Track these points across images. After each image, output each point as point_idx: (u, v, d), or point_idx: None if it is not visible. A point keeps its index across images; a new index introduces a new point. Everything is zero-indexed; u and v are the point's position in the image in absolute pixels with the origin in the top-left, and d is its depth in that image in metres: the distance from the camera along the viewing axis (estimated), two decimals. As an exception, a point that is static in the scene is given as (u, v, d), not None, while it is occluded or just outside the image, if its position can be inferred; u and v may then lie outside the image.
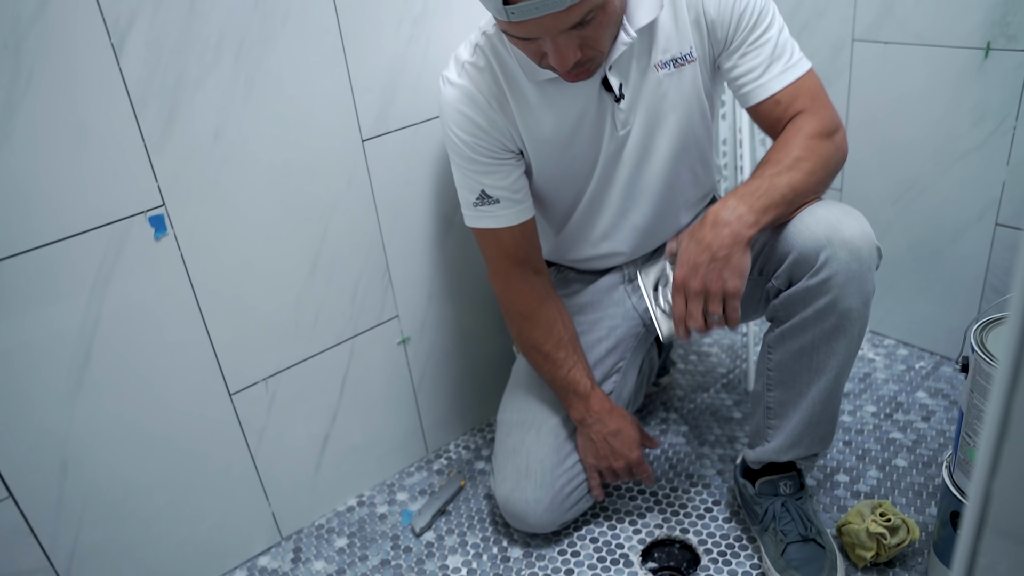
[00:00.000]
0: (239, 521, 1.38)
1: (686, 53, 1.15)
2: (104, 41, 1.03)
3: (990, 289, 1.54)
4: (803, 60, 1.15)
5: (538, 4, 0.95)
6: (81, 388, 1.13)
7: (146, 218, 1.13)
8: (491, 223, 1.25)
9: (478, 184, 1.22)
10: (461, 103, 1.18)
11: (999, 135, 1.43)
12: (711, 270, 1.04)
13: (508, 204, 1.23)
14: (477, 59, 1.17)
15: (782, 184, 1.08)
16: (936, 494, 1.37)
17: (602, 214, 1.31)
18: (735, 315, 1.06)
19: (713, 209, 1.07)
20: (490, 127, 1.19)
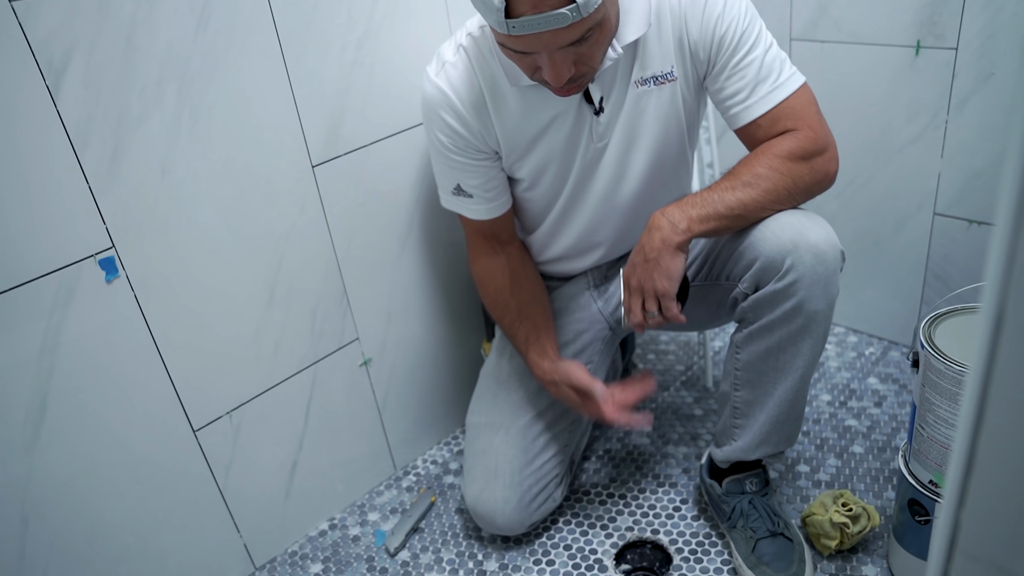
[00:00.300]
0: (210, 555, 1.36)
1: (667, 72, 1.17)
2: (38, 83, 0.99)
3: (931, 275, 1.60)
4: (792, 78, 1.15)
5: (540, 20, 0.95)
6: (39, 439, 1.10)
7: (96, 261, 1.10)
8: (464, 212, 1.31)
9: (454, 178, 1.27)
10: (437, 105, 1.21)
11: (933, 128, 1.48)
12: (644, 271, 1.13)
13: (481, 200, 1.28)
14: (458, 60, 1.19)
15: (731, 199, 1.11)
16: (892, 478, 1.42)
17: (573, 224, 1.32)
18: (669, 312, 1.14)
19: (655, 215, 1.13)
20: (464, 130, 1.21)
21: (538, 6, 0.95)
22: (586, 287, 1.43)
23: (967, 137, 1.44)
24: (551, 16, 0.95)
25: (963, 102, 1.42)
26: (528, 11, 0.95)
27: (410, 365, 1.57)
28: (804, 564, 1.23)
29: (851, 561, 1.28)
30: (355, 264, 1.40)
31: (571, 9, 0.95)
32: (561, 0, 0.95)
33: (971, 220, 1.50)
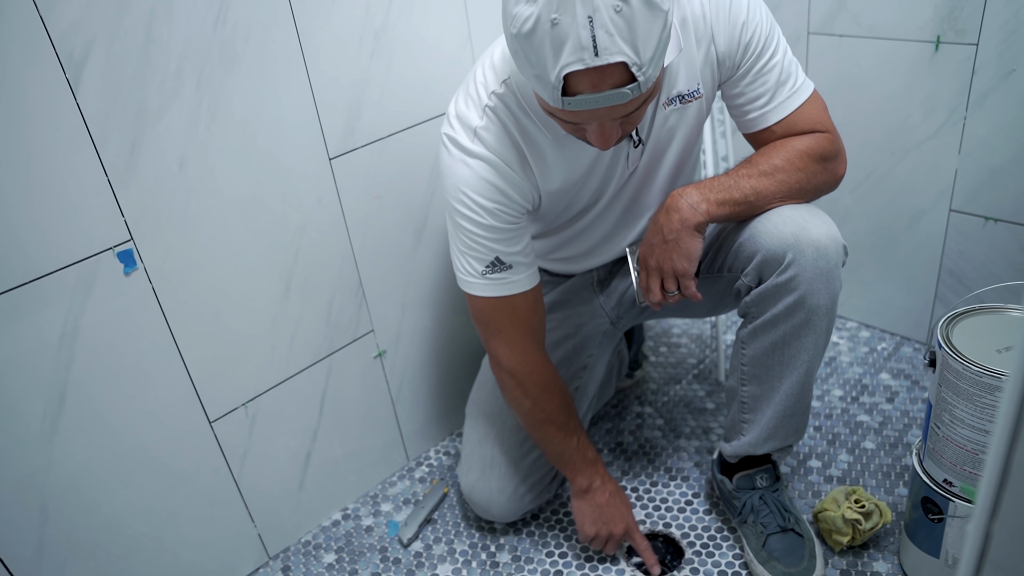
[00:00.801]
0: (224, 544, 1.37)
1: (693, 90, 1.15)
2: (59, 76, 0.99)
3: (946, 272, 1.60)
4: (806, 83, 1.16)
5: (599, 98, 0.92)
6: (57, 430, 1.11)
7: (114, 254, 1.10)
8: (505, 291, 1.18)
9: (491, 252, 1.15)
10: (484, 170, 1.11)
11: (950, 125, 1.47)
12: (663, 251, 1.13)
13: (521, 268, 1.17)
14: (489, 123, 1.11)
15: (747, 186, 1.11)
16: (904, 474, 1.42)
17: (595, 233, 1.32)
18: (688, 291, 1.14)
19: (672, 195, 1.13)
20: (515, 192, 1.13)
21: (598, 85, 0.91)
22: (589, 282, 1.43)
23: (985, 134, 1.43)
24: (611, 95, 0.92)
25: (982, 99, 1.41)
26: (587, 90, 0.91)
27: (424, 357, 1.57)
28: (815, 560, 1.24)
29: (862, 557, 1.28)
30: (371, 257, 1.41)
31: (632, 88, 0.92)
32: (622, 79, 0.91)
33: (987, 217, 1.49)
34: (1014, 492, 0.48)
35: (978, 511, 0.51)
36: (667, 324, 1.92)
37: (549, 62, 0.90)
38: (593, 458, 1.31)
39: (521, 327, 1.22)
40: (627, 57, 0.89)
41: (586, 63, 0.89)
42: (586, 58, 0.89)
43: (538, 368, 1.25)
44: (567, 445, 1.28)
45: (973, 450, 1.06)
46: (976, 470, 1.07)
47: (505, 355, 1.23)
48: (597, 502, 1.30)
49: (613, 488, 1.32)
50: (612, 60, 0.89)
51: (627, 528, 1.31)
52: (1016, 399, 0.46)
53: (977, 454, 1.05)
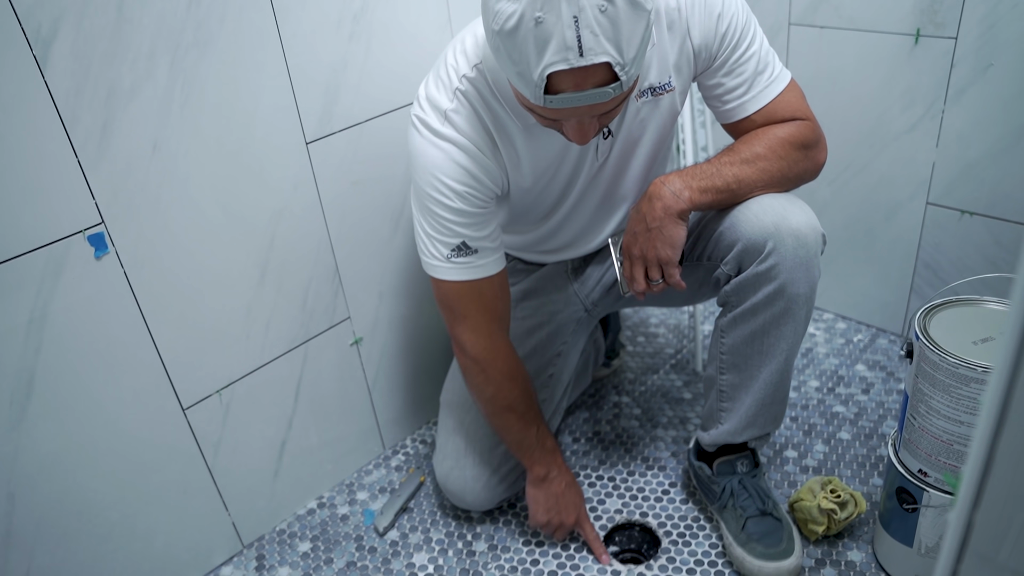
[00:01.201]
0: (197, 533, 1.35)
1: (665, 83, 1.15)
2: (26, 53, 0.96)
3: (922, 264, 1.61)
4: (783, 72, 1.16)
5: (581, 97, 0.92)
6: (25, 417, 1.09)
7: (85, 237, 1.08)
8: (469, 275, 1.17)
9: (458, 236, 1.14)
10: (454, 153, 1.10)
11: (929, 118, 1.48)
12: (646, 240, 1.12)
13: (487, 253, 1.17)
14: (459, 106, 1.10)
15: (729, 174, 1.12)
16: (878, 465, 1.44)
17: (570, 228, 1.32)
18: (672, 279, 1.14)
19: (655, 183, 1.12)
20: (486, 176, 1.13)
21: (581, 84, 0.91)
22: (563, 269, 1.43)
23: (963, 127, 1.44)
24: (593, 93, 0.91)
25: (960, 92, 1.42)
26: (570, 88, 0.91)
27: (401, 345, 1.56)
28: (793, 542, 1.25)
29: (837, 546, 1.29)
30: (347, 243, 1.39)
31: (614, 87, 0.92)
32: (604, 77, 0.91)
33: (963, 211, 1.50)
34: (997, 481, 0.48)
35: (960, 500, 0.51)
36: (645, 314, 1.92)
37: (532, 60, 0.90)
38: (552, 448, 1.32)
39: (486, 313, 1.21)
40: (611, 57, 0.89)
41: (571, 63, 0.88)
42: (571, 58, 0.88)
43: (502, 355, 1.24)
44: (527, 434, 1.29)
45: (948, 441, 1.07)
46: (951, 460, 1.08)
47: (470, 341, 1.22)
48: (552, 491, 1.31)
49: (569, 479, 1.33)
50: (597, 60, 0.89)
51: (578, 518, 1.33)
52: (1001, 388, 0.46)
53: (952, 444, 1.06)
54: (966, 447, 1.05)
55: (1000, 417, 0.47)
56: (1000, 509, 0.49)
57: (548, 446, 1.32)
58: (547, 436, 1.32)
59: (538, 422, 1.30)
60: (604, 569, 1.31)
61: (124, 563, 1.26)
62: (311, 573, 1.37)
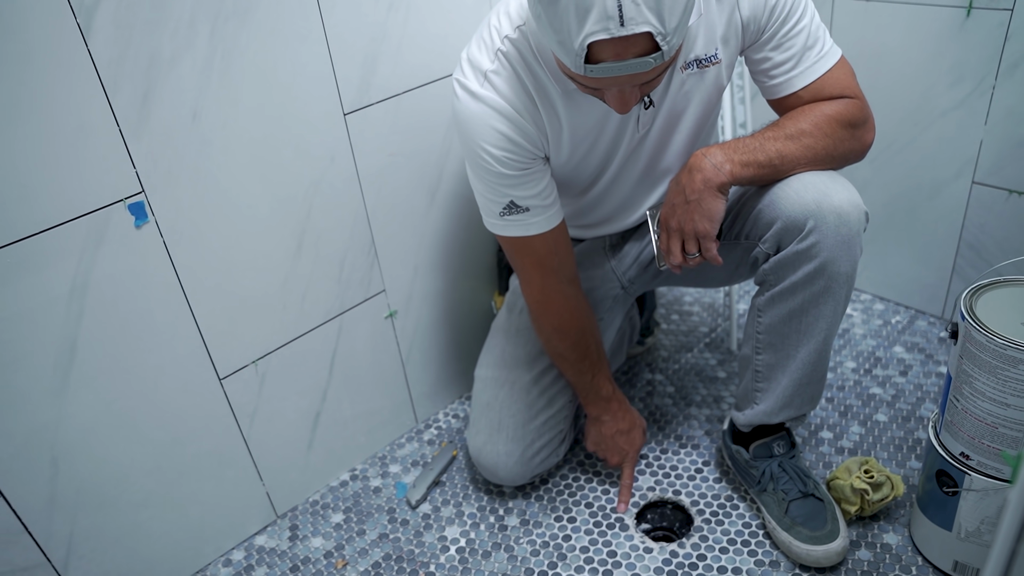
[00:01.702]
0: (232, 502, 1.37)
1: (711, 55, 1.12)
2: (70, 21, 0.96)
3: (965, 245, 1.57)
4: (833, 48, 1.14)
5: (622, 66, 0.90)
6: (68, 383, 1.10)
7: (125, 206, 1.08)
8: (521, 231, 1.19)
9: (506, 196, 1.15)
10: (492, 117, 1.10)
11: (978, 95, 1.44)
12: (684, 212, 1.11)
13: (538, 211, 1.17)
14: (500, 67, 1.09)
15: (772, 149, 1.10)
16: (916, 448, 1.41)
17: (611, 201, 1.30)
18: (709, 254, 1.13)
19: (696, 155, 1.11)
20: (523, 139, 1.12)
21: (621, 54, 0.90)
22: (601, 246, 1.41)
23: (1014, 104, 1.40)
24: (634, 63, 0.90)
25: (1013, 67, 1.38)
26: (610, 58, 0.90)
27: (435, 319, 1.56)
28: (838, 522, 1.23)
29: (873, 528, 1.28)
30: (384, 215, 1.39)
31: (655, 57, 0.90)
32: (646, 47, 0.90)
33: (1012, 190, 1.46)
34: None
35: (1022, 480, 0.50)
36: (679, 292, 1.91)
37: (573, 29, 0.88)
38: (608, 395, 1.37)
39: (539, 268, 1.24)
40: (652, 27, 0.87)
41: (611, 33, 0.87)
42: (611, 28, 0.87)
43: (553, 308, 1.28)
44: (579, 379, 1.35)
45: (993, 423, 1.04)
46: (995, 443, 1.05)
47: (525, 291, 1.30)
48: (602, 432, 1.39)
49: (622, 426, 1.39)
50: (638, 30, 0.87)
51: (621, 462, 1.41)
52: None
53: (998, 428, 1.04)
54: (1012, 430, 1.03)
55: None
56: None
57: (603, 394, 1.36)
58: (603, 385, 1.36)
59: (593, 371, 1.34)
60: (636, 545, 1.31)
61: (160, 530, 1.28)
62: (344, 544, 1.38)
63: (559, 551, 1.32)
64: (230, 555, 1.38)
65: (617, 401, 1.38)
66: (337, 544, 1.38)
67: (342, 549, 1.37)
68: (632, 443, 1.40)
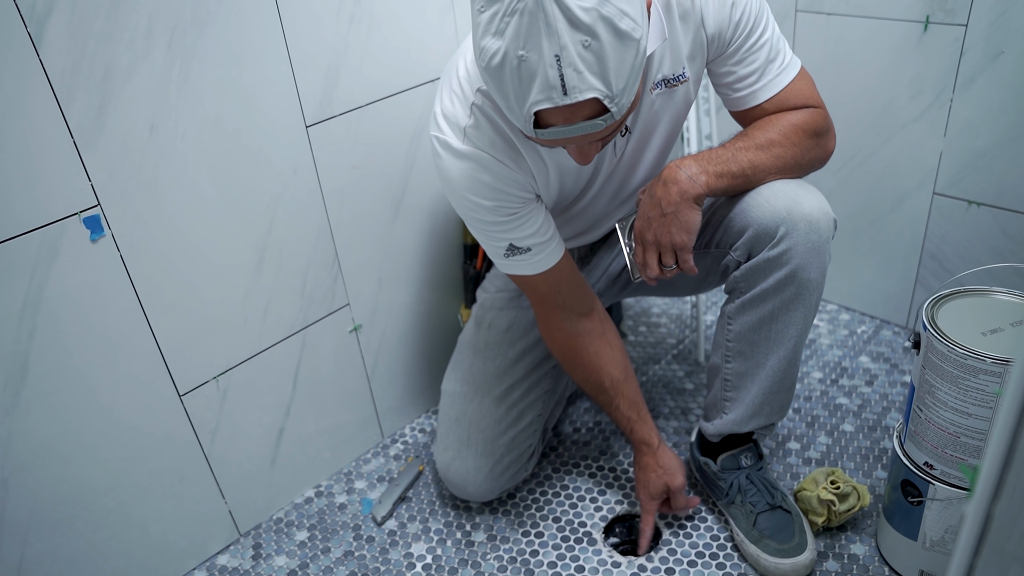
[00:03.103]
0: (194, 521, 1.34)
1: (679, 74, 1.13)
2: (20, 30, 0.94)
3: (928, 255, 1.59)
4: (794, 60, 1.15)
5: (572, 130, 0.90)
6: (19, 403, 1.07)
7: (80, 219, 1.06)
8: (526, 270, 1.18)
9: (504, 240, 1.15)
10: (477, 171, 1.08)
11: (937, 107, 1.46)
12: (661, 225, 1.10)
13: (539, 248, 1.16)
14: (477, 121, 1.07)
15: (744, 159, 1.11)
16: (882, 457, 1.42)
17: (585, 218, 1.31)
18: (686, 265, 1.12)
19: (670, 166, 1.11)
20: (511, 186, 1.11)
21: (569, 119, 0.89)
22: (576, 257, 1.41)
23: (971, 117, 1.42)
24: (583, 126, 0.90)
25: (969, 80, 1.40)
26: (559, 123, 0.90)
27: (400, 332, 1.54)
28: (805, 535, 1.23)
29: (840, 539, 1.28)
30: (347, 228, 1.37)
31: (604, 118, 0.89)
32: (594, 110, 0.89)
33: (971, 201, 1.48)
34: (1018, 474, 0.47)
35: (979, 493, 0.49)
36: (646, 303, 1.91)
37: (518, 98, 0.88)
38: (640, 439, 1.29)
39: (545, 304, 1.25)
40: (598, 92, 0.87)
41: (555, 102, 0.87)
42: (555, 97, 0.86)
43: (557, 344, 1.28)
44: (609, 409, 1.31)
45: (955, 433, 1.05)
46: (958, 453, 1.06)
47: (537, 323, 1.30)
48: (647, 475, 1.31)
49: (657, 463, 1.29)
50: (583, 98, 0.86)
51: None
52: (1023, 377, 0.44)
53: (959, 437, 1.05)
54: (973, 439, 1.04)
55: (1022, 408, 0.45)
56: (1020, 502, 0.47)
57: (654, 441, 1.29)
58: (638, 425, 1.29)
59: (619, 399, 1.28)
60: (604, 560, 1.30)
61: (120, 551, 1.25)
62: (308, 562, 1.35)
63: (526, 567, 1.30)
64: (191, 575, 1.35)
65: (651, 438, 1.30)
66: (301, 562, 1.35)
67: (306, 567, 1.34)
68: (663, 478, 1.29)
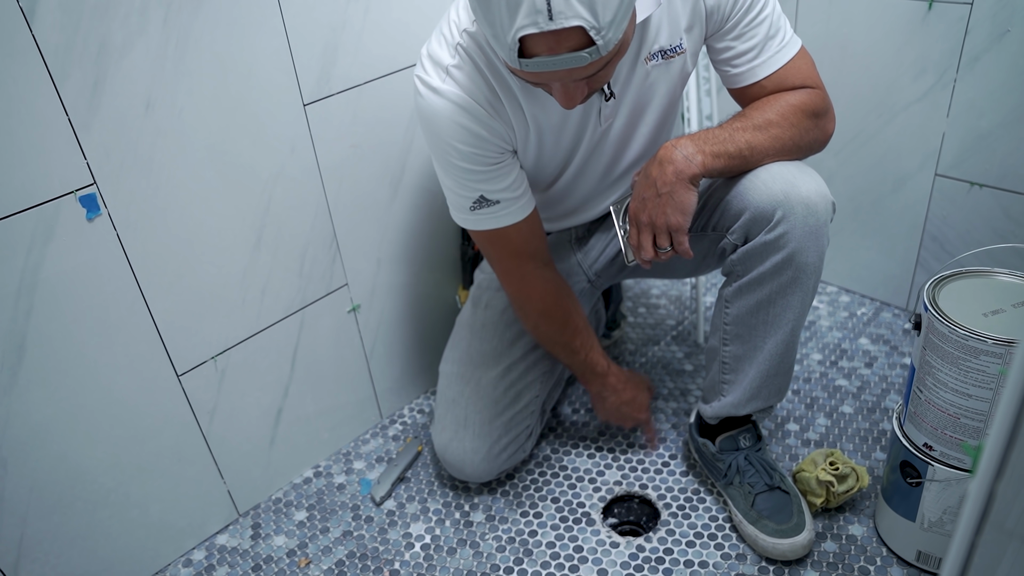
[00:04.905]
0: (193, 501, 1.34)
1: (676, 45, 1.11)
2: (12, 5, 0.93)
3: (929, 237, 1.59)
4: (794, 39, 1.14)
5: (556, 61, 0.89)
6: (16, 382, 1.07)
7: (76, 198, 1.05)
8: (493, 224, 1.17)
9: (476, 191, 1.14)
10: (456, 113, 1.08)
11: (940, 87, 1.45)
12: (656, 205, 1.08)
13: (509, 203, 1.16)
14: (461, 62, 1.07)
15: (741, 140, 1.09)
16: (881, 439, 1.42)
17: (577, 194, 1.29)
18: (681, 247, 1.10)
19: (665, 146, 1.09)
20: (489, 133, 1.10)
21: (554, 48, 0.88)
22: (567, 239, 1.40)
23: (975, 97, 1.41)
24: (568, 58, 0.89)
25: (974, 60, 1.39)
26: (544, 52, 0.89)
27: (398, 313, 1.54)
28: (804, 515, 1.24)
29: (838, 520, 1.28)
30: (345, 208, 1.36)
31: (590, 51, 0.88)
32: (579, 42, 0.88)
33: (973, 182, 1.48)
34: (1021, 452, 0.47)
35: (982, 470, 0.49)
36: (646, 285, 1.90)
37: (505, 24, 0.87)
38: (603, 370, 1.34)
39: (516, 257, 1.23)
40: (584, 21, 0.86)
41: (540, 27, 0.86)
42: (540, 22, 0.85)
43: (536, 295, 1.26)
44: (574, 360, 1.33)
45: (955, 414, 1.05)
46: (958, 434, 1.06)
47: (504, 281, 1.28)
48: (607, 408, 1.38)
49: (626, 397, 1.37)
50: (567, 24, 0.85)
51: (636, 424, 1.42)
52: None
53: (959, 418, 1.05)
54: (973, 420, 1.04)
55: None
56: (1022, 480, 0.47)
57: (599, 369, 1.33)
58: (598, 359, 1.33)
59: (586, 348, 1.31)
60: (603, 540, 1.30)
61: (119, 531, 1.25)
62: (307, 542, 1.36)
63: (525, 547, 1.31)
64: (190, 555, 1.35)
65: (614, 375, 1.35)
66: (300, 542, 1.36)
67: (305, 547, 1.35)
68: (640, 408, 1.39)
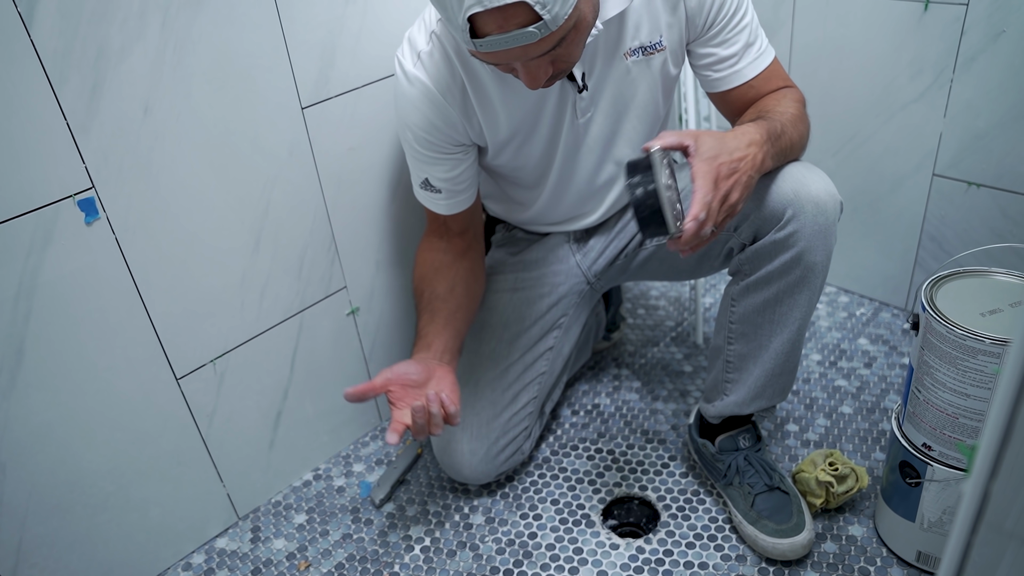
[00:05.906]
0: (192, 504, 1.34)
1: (656, 42, 1.13)
2: (10, 9, 0.93)
3: (927, 237, 1.59)
4: (769, 48, 1.17)
5: (507, 39, 0.90)
6: (15, 386, 1.07)
7: (75, 202, 1.05)
8: (430, 206, 1.26)
9: (424, 172, 1.22)
10: (417, 99, 1.13)
11: (937, 87, 1.45)
12: (747, 180, 1.00)
13: (448, 195, 1.23)
14: (434, 49, 1.11)
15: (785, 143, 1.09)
16: (880, 439, 1.42)
17: (567, 199, 1.30)
18: (721, 229, 1.04)
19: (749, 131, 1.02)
20: (445, 124, 1.14)
21: (503, 26, 0.90)
22: (565, 240, 1.41)
23: (971, 97, 1.41)
24: (518, 35, 0.90)
25: (970, 61, 1.39)
26: (494, 31, 0.90)
27: (397, 315, 1.54)
28: (803, 515, 1.23)
29: (838, 520, 1.28)
30: (344, 211, 1.36)
31: (538, 26, 0.89)
32: (526, 18, 0.89)
33: (970, 182, 1.48)
34: (1016, 452, 0.47)
35: (977, 470, 0.49)
36: (645, 286, 1.90)
37: (454, 6, 0.89)
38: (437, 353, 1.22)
39: (439, 234, 1.31)
40: None
41: (485, 5, 0.87)
42: (485, 0, 0.87)
43: (427, 263, 1.30)
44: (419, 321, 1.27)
45: (954, 414, 1.05)
46: (957, 434, 1.06)
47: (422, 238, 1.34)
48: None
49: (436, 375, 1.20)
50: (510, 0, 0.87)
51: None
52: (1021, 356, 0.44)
53: (958, 418, 1.05)
54: (972, 420, 1.04)
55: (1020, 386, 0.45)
56: (1019, 479, 0.47)
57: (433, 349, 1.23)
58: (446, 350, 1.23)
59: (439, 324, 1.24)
60: (603, 542, 1.30)
61: (118, 534, 1.25)
62: (307, 545, 1.36)
63: (525, 549, 1.31)
64: (190, 558, 1.35)
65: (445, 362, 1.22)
66: (300, 545, 1.36)
67: (305, 550, 1.35)
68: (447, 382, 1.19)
